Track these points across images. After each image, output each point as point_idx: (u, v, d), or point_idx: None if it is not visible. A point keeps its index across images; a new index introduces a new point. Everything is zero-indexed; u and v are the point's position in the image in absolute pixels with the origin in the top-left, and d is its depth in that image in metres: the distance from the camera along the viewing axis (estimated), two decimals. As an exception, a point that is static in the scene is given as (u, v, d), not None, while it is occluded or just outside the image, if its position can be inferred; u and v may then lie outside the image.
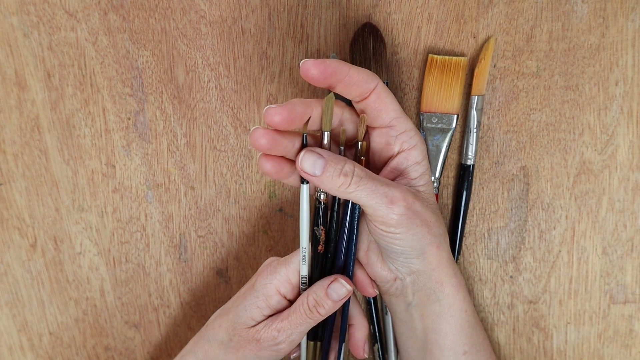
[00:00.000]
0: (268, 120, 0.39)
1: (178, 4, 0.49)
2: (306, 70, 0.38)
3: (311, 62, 0.38)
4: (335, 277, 0.43)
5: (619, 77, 0.48)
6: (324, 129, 0.40)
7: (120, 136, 0.51)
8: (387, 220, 0.40)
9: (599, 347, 0.51)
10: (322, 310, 0.42)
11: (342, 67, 0.39)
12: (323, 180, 0.39)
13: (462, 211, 0.49)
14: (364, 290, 0.45)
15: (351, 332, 0.46)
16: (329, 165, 0.39)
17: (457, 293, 0.43)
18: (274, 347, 0.43)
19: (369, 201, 0.39)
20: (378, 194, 0.39)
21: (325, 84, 0.39)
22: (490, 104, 0.49)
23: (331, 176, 0.39)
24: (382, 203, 0.39)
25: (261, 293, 0.43)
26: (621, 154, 0.48)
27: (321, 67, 0.38)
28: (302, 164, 0.39)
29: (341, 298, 0.42)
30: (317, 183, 0.40)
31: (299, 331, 0.43)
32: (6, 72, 0.50)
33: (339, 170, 0.39)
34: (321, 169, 0.39)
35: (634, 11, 0.47)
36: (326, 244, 0.43)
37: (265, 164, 0.41)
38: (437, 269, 0.42)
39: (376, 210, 0.40)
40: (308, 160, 0.39)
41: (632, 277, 0.50)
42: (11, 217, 0.53)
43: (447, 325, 0.43)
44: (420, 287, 0.43)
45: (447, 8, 0.47)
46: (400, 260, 0.42)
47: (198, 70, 0.50)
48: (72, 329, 0.55)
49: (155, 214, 0.52)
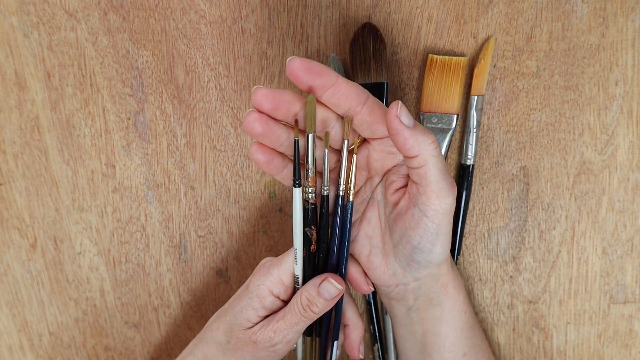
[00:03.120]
0: (253, 100, 0.38)
1: (178, 4, 0.49)
2: (292, 66, 0.37)
3: (298, 58, 0.37)
4: (326, 276, 0.42)
5: (619, 77, 0.48)
6: (308, 131, 0.40)
7: (120, 136, 0.51)
8: (443, 207, 0.40)
9: (599, 347, 0.51)
10: (316, 309, 0.42)
11: (329, 71, 0.38)
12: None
13: (462, 211, 0.49)
14: (358, 288, 0.44)
15: (346, 333, 0.46)
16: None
17: (458, 295, 0.43)
18: (271, 347, 0.43)
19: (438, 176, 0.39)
20: (445, 174, 0.40)
21: (310, 82, 0.38)
22: (490, 104, 0.49)
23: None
24: (448, 183, 0.40)
25: (255, 294, 0.43)
26: (621, 154, 0.48)
27: (308, 65, 0.37)
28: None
29: (333, 297, 0.42)
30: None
31: (295, 331, 0.42)
32: (6, 72, 0.50)
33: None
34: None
35: (634, 11, 0.47)
36: (318, 243, 0.43)
37: (256, 153, 0.41)
38: (446, 273, 0.42)
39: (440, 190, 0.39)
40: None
41: (632, 277, 0.50)
42: (11, 217, 0.53)
43: (447, 328, 0.43)
44: (423, 291, 0.43)
45: (447, 8, 0.47)
46: (417, 254, 0.41)
47: (198, 70, 0.50)
48: (72, 329, 0.55)
49: (155, 214, 0.52)
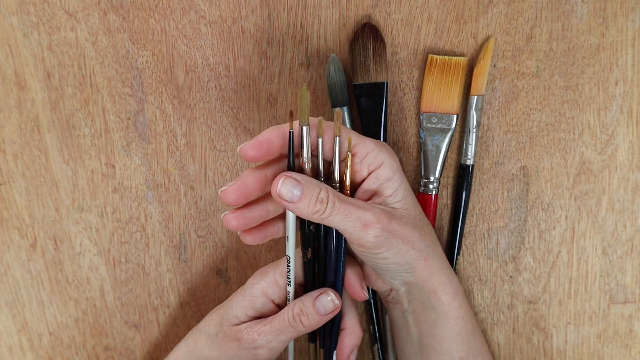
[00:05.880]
0: (224, 201, 0.40)
1: (178, 4, 0.49)
2: (244, 154, 0.40)
3: (247, 145, 0.40)
4: (326, 290, 0.42)
5: (619, 77, 0.48)
6: (302, 124, 0.40)
7: (120, 136, 0.51)
8: (364, 243, 0.39)
9: (599, 347, 0.51)
10: (306, 322, 0.41)
11: (275, 137, 0.40)
12: (299, 207, 0.39)
13: (461, 211, 0.49)
14: (354, 295, 0.44)
15: (340, 337, 0.45)
16: (306, 192, 0.39)
17: (453, 301, 0.43)
18: (252, 350, 0.42)
19: (343, 225, 0.39)
20: (351, 217, 0.39)
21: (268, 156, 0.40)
22: (490, 104, 0.49)
23: (308, 203, 0.39)
24: (356, 227, 0.39)
25: (248, 293, 0.43)
26: (621, 154, 0.48)
27: (256, 146, 0.40)
28: (280, 190, 0.39)
29: (328, 312, 0.42)
30: (293, 209, 0.39)
31: (280, 339, 0.42)
32: (6, 72, 0.50)
33: (315, 197, 0.39)
34: (298, 196, 0.39)
35: (634, 11, 0.47)
36: (315, 257, 0.43)
37: (247, 238, 0.43)
38: (429, 279, 0.42)
39: (352, 234, 0.39)
40: (287, 187, 0.39)
41: (632, 277, 0.50)
42: (11, 217, 0.53)
43: (443, 332, 0.43)
44: (415, 296, 0.43)
45: (447, 8, 0.47)
46: (389, 274, 0.42)
47: (198, 70, 0.50)
48: (72, 329, 0.55)
49: (155, 214, 0.52)
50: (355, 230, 0.39)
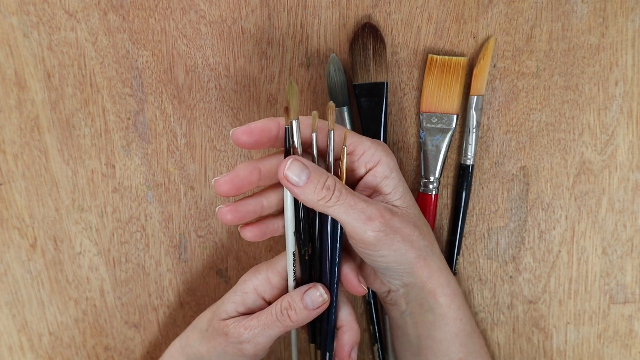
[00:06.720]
0: (217, 191, 0.40)
1: (178, 4, 0.49)
2: (235, 139, 0.40)
3: (239, 130, 0.40)
4: (314, 285, 0.42)
5: (619, 77, 0.48)
6: (292, 118, 0.40)
7: (120, 136, 0.51)
8: (365, 238, 0.39)
9: (599, 347, 0.51)
10: (294, 316, 0.41)
11: (270, 126, 0.40)
12: (305, 191, 0.39)
13: (461, 211, 0.49)
14: (352, 289, 0.43)
15: (338, 335, 0.44)
16: (313, 177, 0.39)
17: (452, 302, 0.43)
18: (238, 344, 0.42)
19: (347, 217, 0.39)
20: (356, 209, 0.39)
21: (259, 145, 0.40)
22: (490, 104, 0.49)
23: (314, 188, 0.39)
24: (360, 219, 0.39)
25: (239, 289, 0.43)
26: (621, 154, 0.48)
27: (248, 133, 0.40)
28: (287, 172, 0.39)
29: (316, 306, 0.41)
30: (298, 194, 0.39)
31: (266, 334, 0.41)
32: (6, 72, 0.50)
33: (322, 183, 0.39)
34: (305, 180, 0.38)
35: (634, 11, 0.47)
36: (312, 254, 0.43)
37: (246, 234, 0.43)
38: (428, 280, 0.42)
39: (354, 227, 0.39)
40: (293, 170, 0.39)
41: (632, 277, 0.50)
42: (11, 217, 0.53)
43: (441, 333, 0.43)
44: (413, 297, 0.43)
45: (447, 8, 0.47)
46: (389, 274, 0.42)
47: (198, 70, 0.50)
48: (72, 329, 0.55)
49: (155, 214, 0.52)
50: (359, 223, 0.39)
